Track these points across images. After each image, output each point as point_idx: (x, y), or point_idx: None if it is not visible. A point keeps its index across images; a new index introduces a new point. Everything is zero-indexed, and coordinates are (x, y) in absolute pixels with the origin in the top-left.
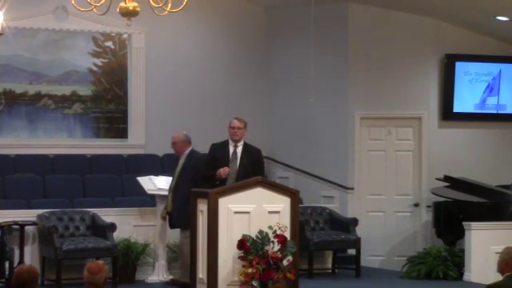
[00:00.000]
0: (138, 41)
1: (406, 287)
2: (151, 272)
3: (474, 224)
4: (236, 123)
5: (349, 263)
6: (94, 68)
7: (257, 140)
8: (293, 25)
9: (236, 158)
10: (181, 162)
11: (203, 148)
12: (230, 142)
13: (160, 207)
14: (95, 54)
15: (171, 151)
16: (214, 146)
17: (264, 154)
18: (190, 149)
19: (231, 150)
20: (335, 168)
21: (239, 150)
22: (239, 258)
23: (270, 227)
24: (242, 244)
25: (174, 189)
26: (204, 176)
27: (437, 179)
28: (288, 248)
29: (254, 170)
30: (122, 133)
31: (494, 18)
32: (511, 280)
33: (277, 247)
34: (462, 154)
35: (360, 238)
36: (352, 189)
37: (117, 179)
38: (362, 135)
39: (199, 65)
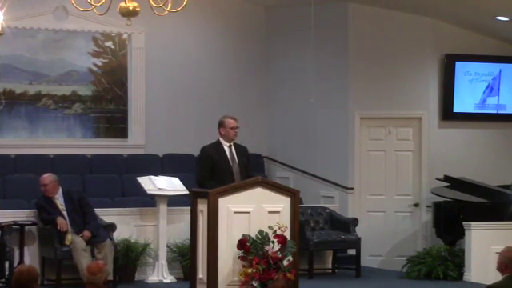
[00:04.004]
0: (137, 41)
1: (406, 287)
2: (151, 272)
3: (473, 224)
4: (235, 123)
5: (349, 263)
6: (94, 68)
7: (257, 140)
8: (293, 25)
9: (234, 158)
10: (59, 201)
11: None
12: (224, 142)
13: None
14: (95, 54)
15: (171, 151)
16: (208, 149)
17: (264, 154)
18: (60, 189)
19: (227, 150)
20: (335, 168)
21: (233, 149)
22: (239, 257)
23: (270, 227)
24: (242, 244)
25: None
26: (204, 185)
27: (437, 179)
28: (288, 248)
29: (246, 169)
30: (122, 133)
31: (494, 18)
32: (510, 281)
33: (277, 247)
34: (461, 154)
35: (360, 238)
36: (352, 189)
37: (117, 179)
38: (362, 135)
39: (199, 65)
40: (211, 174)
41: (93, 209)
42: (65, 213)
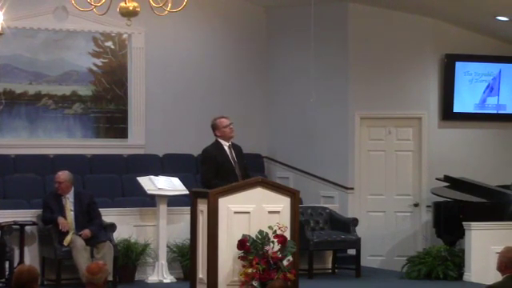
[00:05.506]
0: (138, 41)
1: (406, 287)
2: (151, 272)
3: (473, 224)
4: (227, 121)
5: (349, 263)
6: (94, 68)
7: (257, 140)
8: (293, 25)
9: (234, 159)
10: (69, 200)
11: (200, 149)
12: (223, 142)
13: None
14: (95, 54)
15: (171, 151)
16: (211, 150)
17: (264, 154)
18: (73, 188)
19: (227, 151)
20: (335, 168)
21: (232, 150)
22: (239, 257)
23: (270, 227)
24: (242, 244)
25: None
26: (211, 185)
27: (437, 179)
28: (288, 248)
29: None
30: (122, 133)
31: (494, 18)
32: (510, 281)
33: (277, 247)
34: (461, 154)
35: (360, 238)
36: (352, 189)
37: (117, 179)
38: (361, 135)
39: (199, 65)
40: (217, 176)
41: (100, 214)
42: (72, 213)
